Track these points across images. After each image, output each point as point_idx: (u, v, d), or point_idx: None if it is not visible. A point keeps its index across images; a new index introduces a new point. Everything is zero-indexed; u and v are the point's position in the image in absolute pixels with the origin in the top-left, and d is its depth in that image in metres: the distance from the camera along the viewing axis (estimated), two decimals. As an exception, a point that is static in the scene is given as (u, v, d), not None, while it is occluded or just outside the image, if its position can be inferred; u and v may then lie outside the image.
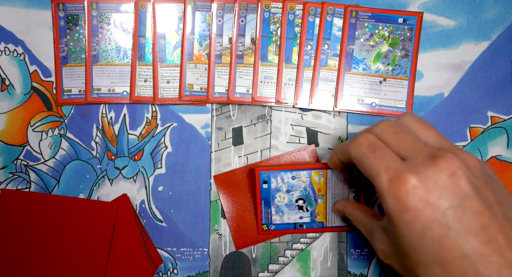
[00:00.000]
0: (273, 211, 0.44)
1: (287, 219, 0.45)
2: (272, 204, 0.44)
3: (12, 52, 0.48)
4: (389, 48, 0.47)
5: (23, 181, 0.48)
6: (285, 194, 0.44)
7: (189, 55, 0.48)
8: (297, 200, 0.44)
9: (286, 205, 0.44)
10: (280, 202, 0.44)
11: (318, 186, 0.44)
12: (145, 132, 0.48)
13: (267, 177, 0.43)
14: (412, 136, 0.31)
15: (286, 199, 0.44)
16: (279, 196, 0.44)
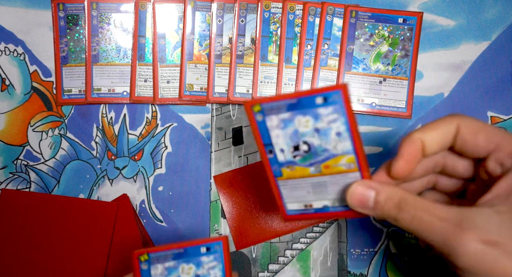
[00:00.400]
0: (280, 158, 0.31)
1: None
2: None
3: (12, 52, 0.48)
4: (389, 48, 0.47)
5: (23, 181, 0.48)
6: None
7: (189, 55, 0.48)
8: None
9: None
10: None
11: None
12: (145, 132, 0.48)
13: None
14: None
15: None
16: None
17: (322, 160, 0.30)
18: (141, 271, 0.32)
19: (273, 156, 0.31)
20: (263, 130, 0.30)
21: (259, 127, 0.30)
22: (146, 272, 0.32)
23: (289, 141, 0.30)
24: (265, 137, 0.30)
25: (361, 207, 0.29)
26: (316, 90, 0.28)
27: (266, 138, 0.30)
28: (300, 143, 0.30)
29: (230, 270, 0.33)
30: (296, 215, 0.32)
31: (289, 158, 0.31)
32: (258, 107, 0.29)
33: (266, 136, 0.30)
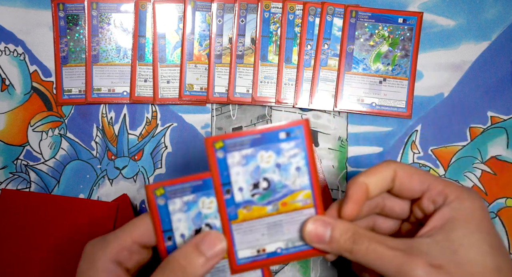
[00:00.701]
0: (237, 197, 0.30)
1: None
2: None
3: (12, 52, 0.48)
4: (389, 48, 0.47)
5: (23, 181, 0.48)
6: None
7: (189, 55, 0.48)
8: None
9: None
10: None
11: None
12: (145, 132, 0.48)
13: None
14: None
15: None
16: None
17: (280, 197, 0.30)
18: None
19: (230, 197, 0.30)
20: (223, 168, 0.29)
21: (218, 165, 0.29)
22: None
23: (249, 178, 0.30)
24: (224, 176, 0.29)
25: (317, 242, 0.30)
26: (280, 126, 0.29)
27: (225, 177, 0.29)
28: (260, 180, 0.30)
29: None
30: (247, 263, 0.31)
31: (247, 197, 0.30)
32: (221, 144, 0.29)
33: (225, 174, 0.29)
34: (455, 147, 0.48)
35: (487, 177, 0.47)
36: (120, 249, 0.30)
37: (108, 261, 0.29)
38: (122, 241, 0.30)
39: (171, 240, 0.30)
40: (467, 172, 0.47)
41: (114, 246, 0.30)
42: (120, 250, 0.30)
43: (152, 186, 0.29)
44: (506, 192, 0.47)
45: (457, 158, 0.47)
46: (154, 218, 0.30)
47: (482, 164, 0.47)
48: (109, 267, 0.29)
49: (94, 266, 0.29)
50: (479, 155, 0.47)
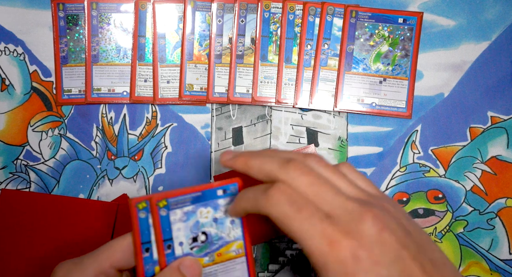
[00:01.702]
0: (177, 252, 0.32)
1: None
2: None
3: (12, 52, 0.48)
4: (389, 48, 0.47)
5: (23, 181, 0.48)
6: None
7: (189, 55, 0.48)
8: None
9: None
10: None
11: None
12: (145, 132, 0.48)
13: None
14: (330, 187, 0.28)
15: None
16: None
17: (216, 248, 0.33)
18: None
19: (170, 251, 0.32)
20: (165, 225, 0.31)
21: (161, 222, 0.31)
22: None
23: (189, 233, 0.32)
24: (166, 232, 0.31)
25: None
26: (218, 184, 0.32)
27: (167, 233, 0.31)
28: (199, 234, 0.32)
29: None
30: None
31: (187, 250, 0.32)
32: (164, 202, 0.31)
33: (167, 231, 0.31)
34: (455, 147, 0.48)
35: (487, 177, 0.47)
36: (98, 273, 0.30)
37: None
38: (99, 265, 0.30)
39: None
40: (467, 172, 0.47)
41: (92, 270, 0.30)
42: (98, 274, 0.30)
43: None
44: (506, 192, 0.47)
45: (457, 158, 0.47)
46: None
47: (482, 164, 0.47)
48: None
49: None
50: (479, 155, 0.47)
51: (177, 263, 0.31)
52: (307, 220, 0.26)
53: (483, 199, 0.47)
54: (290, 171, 0.28)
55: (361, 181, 0.31)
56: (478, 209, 0.47)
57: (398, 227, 0.27)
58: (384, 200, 0.29)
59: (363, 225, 0.26)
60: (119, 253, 0.30)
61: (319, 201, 0.27)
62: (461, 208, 0.47)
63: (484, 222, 0.47)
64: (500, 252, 0.46)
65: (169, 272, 0.30)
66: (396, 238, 0.26)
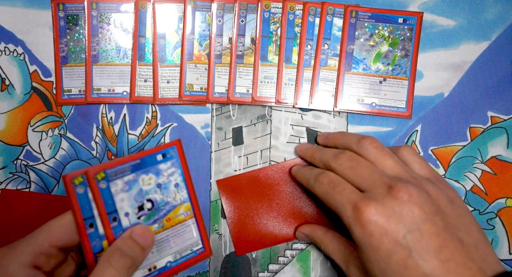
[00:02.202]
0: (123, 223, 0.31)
1: None
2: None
3: (12, 52, 0.48)
4: (389, 48, 0.47)
5: (23, 181, 0.48)
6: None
7: (189, 55, 0.48)
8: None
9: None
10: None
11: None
12: (145, 132, 0.48)
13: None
14: (368, 168, 0.34)
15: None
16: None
17: (164, 214, 0.32)
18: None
19: (117, 224, 0.31)
20: (107, 197, 0.30)
21: (102, 195, 0.30)
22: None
23: (133, 202, 0.31)
24: (109, 205, 0.30)
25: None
26: (155, 149, 0.32)
27: (111, 206, 0.30)
28: (144, 202, 0.32)
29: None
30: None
31: (134, 220, 0.31)
32: (102, 174, 0.30)
33: (110, 203, 0.30)
34: (455, 147, 0.48)
35: (487, 177, 0.47)
36: (37, 254, 0.29)
37: (25, 268, 0.29)
38: (38, 246, 0.30)
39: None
40: (467, 172, 0.47)
41: (30, 252, 0.29)
42: (37, 255, 0.29)
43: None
44: (506, 192, 0.47)
45: (457, 158, 0.47)
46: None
47: (482, 164, 0.47)
48: (27, 273, 0.29)
49: (5, 274, 0.29)
50: (479, 155, 0.47)
51: (128, 232, 0.30)
52: (339, 193, 0.33)
53: (483, 199, 0.47)
54: (338, 161, 0.36)
55: (417, 163, 0.36)
56: (478, 209, 0.47)
57: (429, 205, 0.30)
58: (429, 181, 0.33)
59: (388, 196, 0.31)
60: (58, 232, 0.30)
61: (356, 179, 0.34)
62: (461, 208, 0.47)
63: (484, 222, 0.47)
64: (500, 252, 0.46)
65: (121, 242, 0.30)
66: (421, 212, 0.30)
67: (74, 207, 0.29)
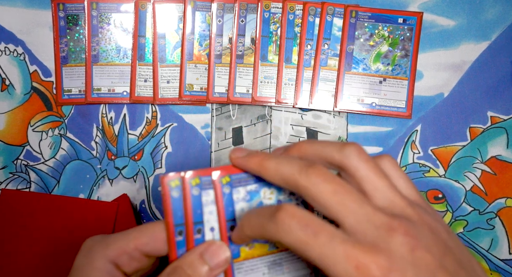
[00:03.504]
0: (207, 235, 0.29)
1: None
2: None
3: (12, 52, 0.48)
4: (389, 48, 0.47)
5: (23, 181, 0.48)
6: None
7: (189, 55, 0.48)
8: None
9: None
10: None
11: None
12: (145, 132, 0.48)
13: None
14: (356, 196, 0.24)
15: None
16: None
17: None
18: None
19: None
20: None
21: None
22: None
23: None
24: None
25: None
26: None
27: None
28: None
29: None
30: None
31: None
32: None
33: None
34: (455, 147, 0.48)
35: (487, 177, 0.47)
36: (121, 252, 0.29)
37: (106, 262, 0.29)
38: (124, 244, 0.29)
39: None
40: (467, 172, 0.47)
41: (115, 248, 0.29)
42: (121, 253, 0.29)
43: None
44: (506, 192, 0.47)
45: (457, 158, 0.47)
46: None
47: (482, 164, 0.47)
48: (106, 267, 0.28)
49: (91, 263, 0.29)
50: (479, 155, 0.47)
51: (199, 248, 0.28)
52: (326, 244, 0.23)
53: (483, 199, 0.47)
54: (311, 177, 0.24)
55: (402, 180, 0.27)
56: (478, 209, 0.47)
57: (435, 243, 0.24)
58: (422, 208, 0.26)
59: (392, 243, 0.23)
60: (146, 236, 0.29)
61: (340, 211, 0.24)
62: (461, 208, 0.47)
63: (484, 222, 0.47)
64: (500, 252, 0.46)
65: (192, 258, 0.28)
66: (432, 257, 0.24)
67: (166, 211, 0.28)
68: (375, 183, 0.25)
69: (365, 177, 0.25)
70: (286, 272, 0.31)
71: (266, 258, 0.30)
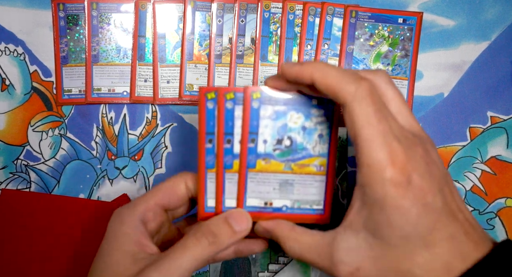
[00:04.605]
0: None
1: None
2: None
3: (12, 52, 0.48)
4: (389, 48, 0.47)
5: (23, 181, 0.48)
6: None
7: (189, 55, 0.48)
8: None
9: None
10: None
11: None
12: (145, 132, 0.48)
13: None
14: (387, 113, 0.28)
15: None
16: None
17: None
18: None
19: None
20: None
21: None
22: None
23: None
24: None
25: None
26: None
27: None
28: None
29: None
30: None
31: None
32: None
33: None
34: (455, 147, 0.48)
35: (487, 177, 0.47)
36: (145, 209, 0.32)
37: (135, 219, 0.32)
38: (146, 203, 0.33)
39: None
40: (467, 172, 0.47)
41: (140, 208, 0.32)
42: (146, 210, 0.32)
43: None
44: (506, 192, 0.47)
45: (457, 158, 0.47)
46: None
47: (482, 164, 0.47)
48: (135, 224, 0.32)
49: (122, 222, 0.32)
50: (479, 155, 0.47)
51: (224, 214, 0.31)
52: (383, 134, 0.26)
53: (483, 199, 0.47)
54: (363, 87, 0.26)
55: (408, 111, 0.31)
56: (478, 209, 0.47)
57: (440, 165, 0.29)
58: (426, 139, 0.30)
59: (417, 153, 0.27)
60: (162, 193, 0.33)
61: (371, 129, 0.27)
62: (461, 208, 0.47)
63: (484, 222, 0.47)
64: (500, 252, 0.46)
65: (213, 222, 0.31)
66: (440, 173, 0.28)
67: (200, 119, 0.30)
68: (400, 107, 0.29)
69: (391, 100, 0.29)
70: (296, 193, 0.32)
71: (279, 176, 0.32)
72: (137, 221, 0.32)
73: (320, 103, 0.31)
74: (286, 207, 0.32)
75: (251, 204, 0.32)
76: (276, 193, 0.32)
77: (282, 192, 0.32)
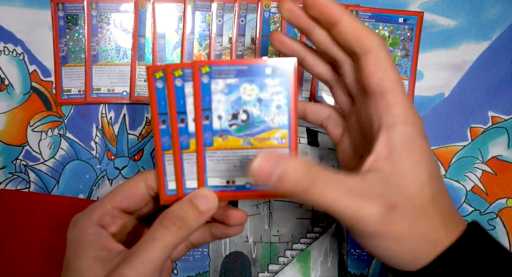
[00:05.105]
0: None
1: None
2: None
3: (12, 51, 0.48)
4: (390, 48, 0.47)
5: (23, 181, 0.47)
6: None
7: (189, 55, 0.48)
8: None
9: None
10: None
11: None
12: (145, 132, 0.48)
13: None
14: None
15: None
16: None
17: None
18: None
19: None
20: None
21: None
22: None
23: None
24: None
25: (264, 180, 0.26)
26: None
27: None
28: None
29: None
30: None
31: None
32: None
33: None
34: (456, 147, 0.47)
35: (488, 177, 0.47)
36: (103, 214, 0.32)
37: (93, 225, 0.31)
38: (103, 207, 0.32)
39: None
40: (468, 172, 0.47)
41: (96, 213, 0.32)
42: (102, 215, 0.32)
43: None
44: (507, 192, 0.47)
45: (457, 158, 0.47)
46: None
47: (482, 164, 0.47)
48: (95, 229, 0.31)
49: (81, 230, 0.32)
50: (479, 155, 0.47)
51: (189, 196, 0.31)
52: (401, 82, 0.33)
53: (483, 199, 0.47)
54: (383, 48, 0.30)
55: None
56: (479, 209, 0.47)
57: (426, 140, 0.30)
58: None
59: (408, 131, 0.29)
60: (119, 196, 0.32)
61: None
62: (461, 208, 0.47)
63: (485, 222, 0.47)
64: (501, 252, 0.46)
65: (181, 205, 0.31)
66: (427, 146, 0.29)
67: (150, 100, 0.29)
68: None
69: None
70: None
71: (239, 152, 0.30)
72: (96, 226, 0.31)
73: (275, 71, 0.29)
74: (250, 184, 0.31)
75: (213, 183, 0.31)
76: (237, 170, 0.31)
77: (244, 170, 0.30)
